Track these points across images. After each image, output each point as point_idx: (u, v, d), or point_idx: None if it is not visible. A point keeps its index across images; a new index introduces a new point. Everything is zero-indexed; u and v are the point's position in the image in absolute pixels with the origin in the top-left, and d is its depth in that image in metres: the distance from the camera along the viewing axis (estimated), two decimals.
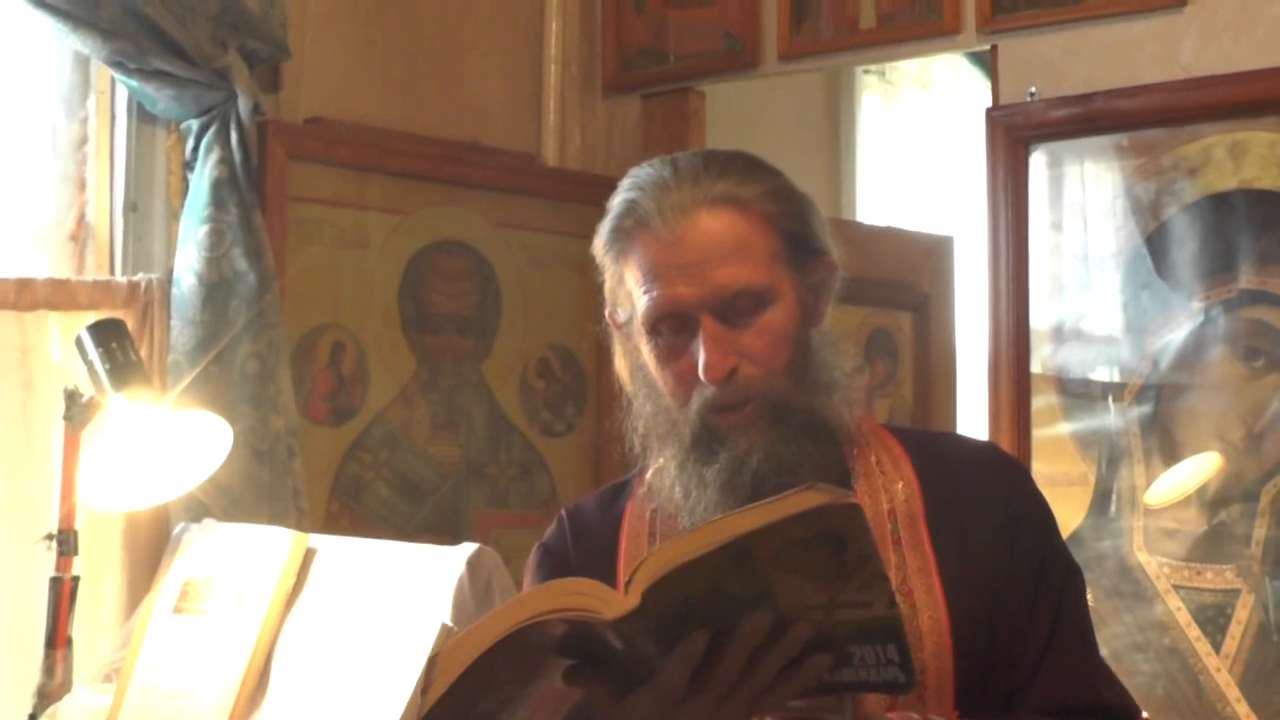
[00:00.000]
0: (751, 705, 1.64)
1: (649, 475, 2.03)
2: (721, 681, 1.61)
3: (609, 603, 1.57)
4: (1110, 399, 3.45)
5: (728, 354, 1.88)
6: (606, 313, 2.05)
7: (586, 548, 2.03)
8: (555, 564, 2.04)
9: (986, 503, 1.98)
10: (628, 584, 1.57)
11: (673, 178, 1.92)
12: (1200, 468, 3.36)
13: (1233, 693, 3.24)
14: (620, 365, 2.07)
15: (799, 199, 1.97)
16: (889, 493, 1.97)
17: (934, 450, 2.04)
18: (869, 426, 2.04)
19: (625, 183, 1.97)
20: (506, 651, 1.58)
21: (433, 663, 1.60)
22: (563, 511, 2.13)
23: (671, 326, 1.91)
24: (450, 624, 2.67)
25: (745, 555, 1.55)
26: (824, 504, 1.54)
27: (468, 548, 2.76)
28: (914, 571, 1.92)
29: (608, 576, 1.79)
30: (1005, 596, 1.92)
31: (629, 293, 1.96)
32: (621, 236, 1.94)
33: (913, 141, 5.79)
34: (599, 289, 4.05)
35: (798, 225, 1.95)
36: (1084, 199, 3.52)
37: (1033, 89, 3.57)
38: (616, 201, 1.96)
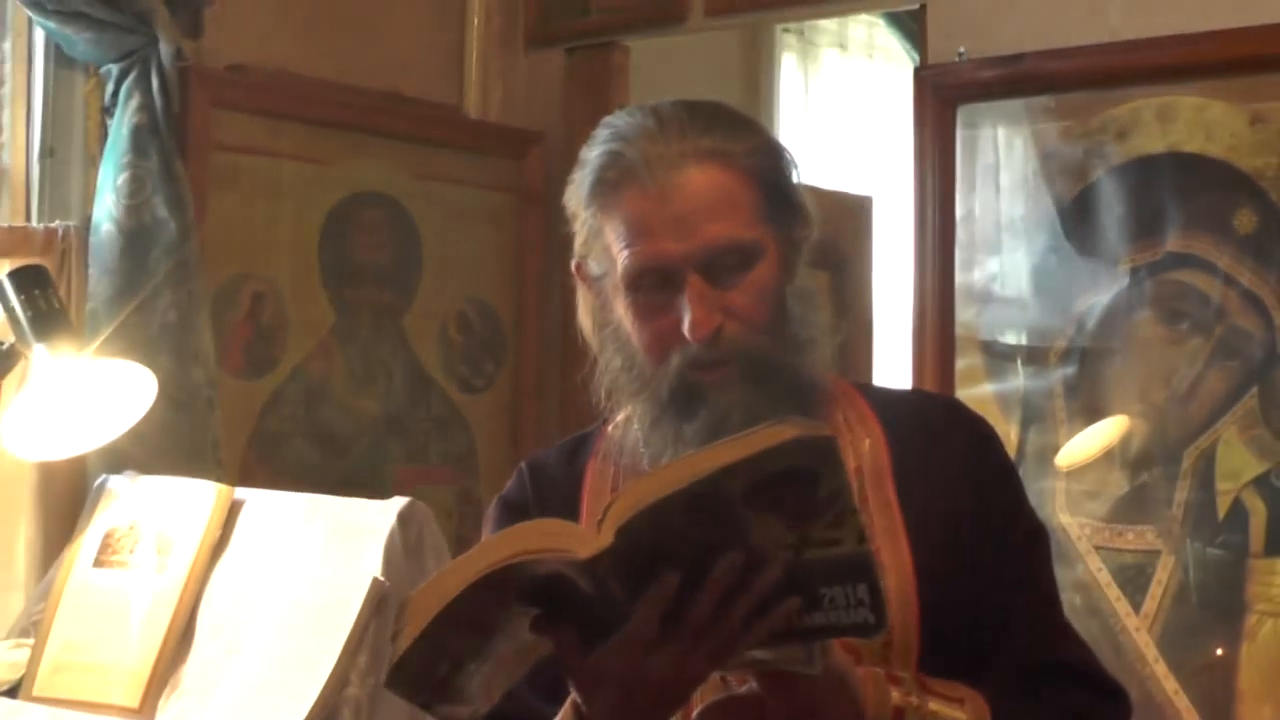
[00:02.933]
0: (722, 652, 1.62)
1: (612, 429, 2.00)
2: (693, 626, 1.59)
3: (583, 541, 1.54)
4: (1034, 361, 3.46)
5: (713, 311, 1.84)
6: (574, 264, 1.99)
7: (548, 502, 1.99)
8: (516, 517, 1.97)
9: (953, 461, 1.96)
10: (600, 522, 1.54)
11: (658, 129, 1.87)
12: (1109, 431, 3.38)
13: (1151, 653, 3.27)
14: (584, 318, 2.02)
15: (781, 153, 1.94)
16: (855, 450, 1.95)
17: (900, 408, 2.03)
18: (836, 384, 2.02)
19: (603, 133, 1.92)
20: (475, 599, 1.55)
21: (402, 609, 1.57)
22: (522, 464, 2.09)
23: (654, 283, 1.87)
24: (381, 578, 2.64)
25: (717, 491, 1.53)
26: (798, 436, 1.52)
27: (399, 501, 2.73)
28: (880, 531, 1.90)
29: None
30: (971, 556, 1.91)
31: (607, 246, 1.90)
32: (605, 189, 1.88)
33: (830, 102, 5.78)
34: (517, 245, 4.05)
35: (780, 180, 1.92)
36: (1010, 160, 3.53)
37: (961, 49, 3.56)
38: (596, 153, 1.90)
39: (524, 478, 2.07)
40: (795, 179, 1.95)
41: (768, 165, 1.91)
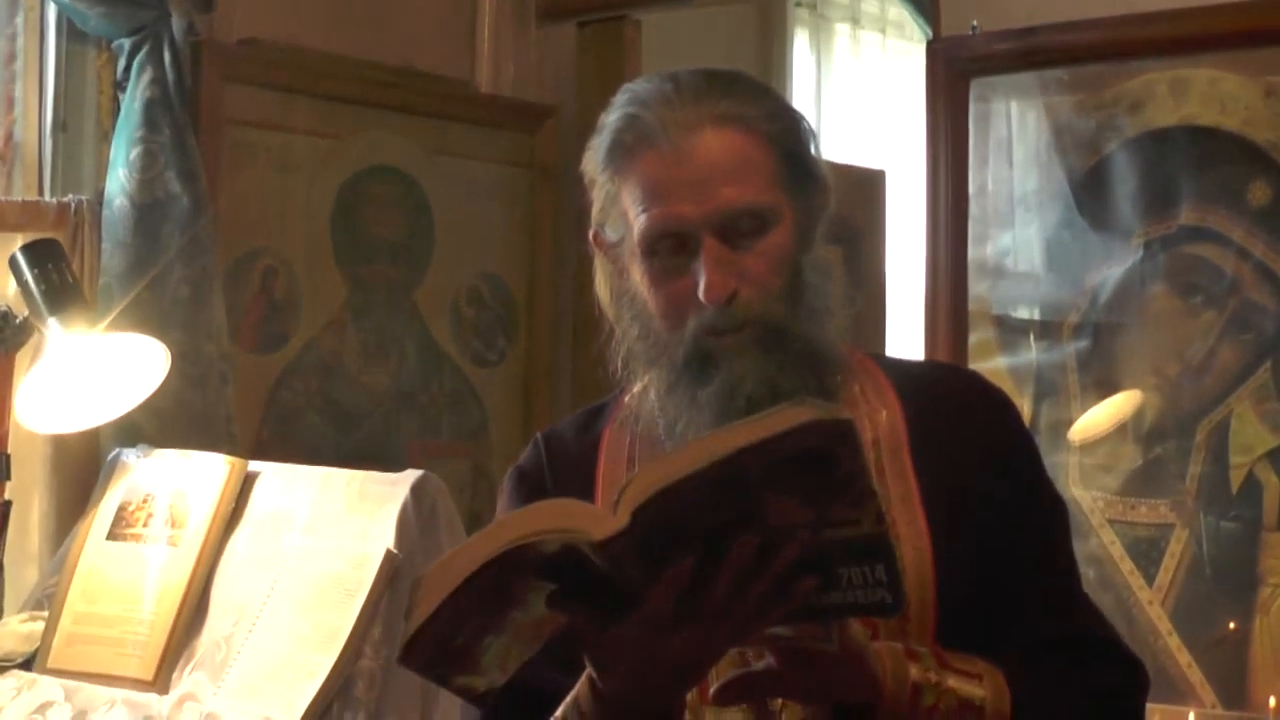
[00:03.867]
0: (739, 630, 1.62)
1: (628, 399, 1.99)
2: (710, 606, 1.58)
3: (598, 522, 1.53)
4: (1047, 335, 3.46)
5: (729, 275, 1.82)
6: (591, 233, 1.98)
7: (563, 472, 1.99)
8: (531, 488, 1.99)
9: (971, 433, 1.95)
10: (616, 503, 1.54)
11: (675, 94, 1.86)
12: (1122, 405, 3.38)
13: (1164, 626, 3.27)
14: (601, 287, 2.01)
15: (799, 121, 1.93)
16: (872, 421, 1.94)
17: (919, 380, 2.02)
18: (854, 356, 2.00)
19: (621, 99, 1.90)
20: (489, 576, 1.55)
21: (416, 586, 1.57)
22: (538, 435, 2.08)
23: (670, 246, 1.85)
24: (395, 550, 2.64)
25: (734, 473, 1.52)
26: (815, 419, 1.51)
27: (412, 474, 2.73)
28: (897, 501, 1.89)
29: (586, 501, 1.75)
30: (990, 528, 1.90)
31: (624, 211, 1.89)
32: (622, 152, 1.87)
33: (843, 77, 5.78)
34: (529, 219, 4.05)
35: (798, 147, 1.90)
36: (1023, 133, 3.52)
37: (975, 22, 3.55)
38: (614, 117, 1.89)
39: (539, 448, 2.05)
40: (814, 149, 1.94)
41: (786, 132, 1.89)
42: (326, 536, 2.73)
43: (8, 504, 2.93)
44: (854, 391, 1.97)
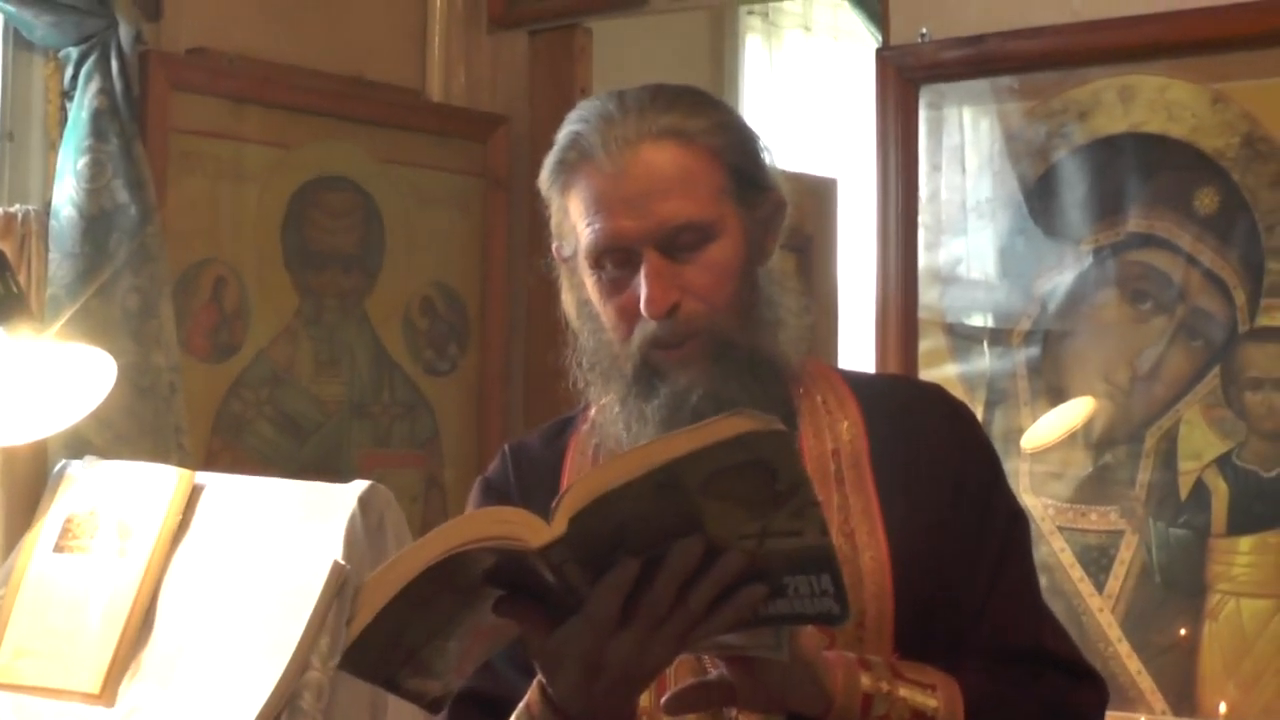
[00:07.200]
0: (684, 637, 1.62)
1: (593, 411, 2.01)
2: (653, 611, 1.59)
3: (536, 531, 1.55)
4: (998, 342, 3.47)
5: (670, 289, 1.85)
6: (553, 247, 2.01)
7: (529, 482, 2.02)
8: (497, 498, 2.02)
9: (932, 445, 1.97)
10: (554, 511, 1.55)
11: (618, 110, 1.89)
12: (1074, 412, 3.39)
13: (1114, 633, 3.28)
14: (566, 300, 2.04)
15: (747, 134, 1.95)
16: (833, 432, 1.96)
17: (880, 392, 2.04)
18: (815, 367, 2.03)
19: (572, 115, 1.94)
20: (433, 581, 1.55)
21: (358, 593, 1.57)
22: (506, 446, 2.11)
23: (615, 260, 1.88)
24: (342, 561, 2.64)
25: (674, 482, 1.53)
26: (750, 430, 1.52)
27: (360, 485, 2.73)
28: (857, 512, 1.91)
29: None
30: (949, 540, 1.91)
31: (573, 226, 1.93)
32: (565, 169, 1.91)
33: (795, 84, 5.78)
34: (481, 228, 4.04)
35: (745, 160, 1.92)
36: (977, 140, 3.53)
37: (924, 30, 3.56)
38: (562, 134, 1.93)
39: (506, 459, 2.08)
40: (766, 159, 1.95)
41: (730, 144, 1.91)
42: (274, 548, 2.72)
43: None
44: (815, 402, 1.99)
